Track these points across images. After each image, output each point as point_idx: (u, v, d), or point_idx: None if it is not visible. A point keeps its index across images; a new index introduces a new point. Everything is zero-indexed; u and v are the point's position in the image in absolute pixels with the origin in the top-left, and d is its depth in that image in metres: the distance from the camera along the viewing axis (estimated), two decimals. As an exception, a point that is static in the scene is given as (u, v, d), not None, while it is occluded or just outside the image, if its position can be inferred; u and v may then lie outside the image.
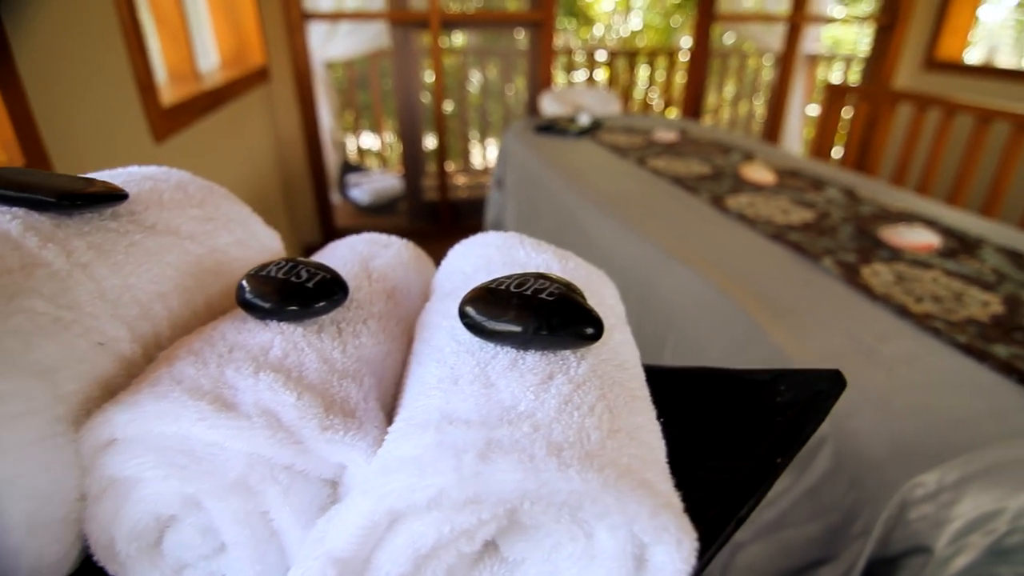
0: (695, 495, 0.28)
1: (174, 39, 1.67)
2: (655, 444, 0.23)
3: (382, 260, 0.36)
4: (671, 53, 3.46)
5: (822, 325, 0.81)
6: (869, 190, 1.40)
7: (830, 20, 3.05)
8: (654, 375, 0.34)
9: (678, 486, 0.28)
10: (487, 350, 0.26)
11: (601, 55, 3.53)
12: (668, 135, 1.89)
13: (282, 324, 0.28)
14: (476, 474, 0.19)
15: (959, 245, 1.08)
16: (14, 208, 0.27)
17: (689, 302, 0.93)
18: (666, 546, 0.20)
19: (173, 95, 1.45)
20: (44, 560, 0.23)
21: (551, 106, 2.34)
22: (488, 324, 0.26)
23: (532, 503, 0.20)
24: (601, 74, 3.49)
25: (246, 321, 0.28)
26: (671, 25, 4.97)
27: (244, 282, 0.29)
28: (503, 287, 0.27)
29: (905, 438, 0.62)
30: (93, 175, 0.35)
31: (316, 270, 0.29)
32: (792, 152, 3.13)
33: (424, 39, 2.57)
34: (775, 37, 3.02)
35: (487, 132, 3.59)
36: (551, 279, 0.27)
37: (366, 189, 2.94)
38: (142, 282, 0.29)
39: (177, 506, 0.23)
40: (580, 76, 3.54)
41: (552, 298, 0.26)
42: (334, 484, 0.25)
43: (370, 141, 3.61)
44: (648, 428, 0.24)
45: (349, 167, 3.11)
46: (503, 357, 0.25)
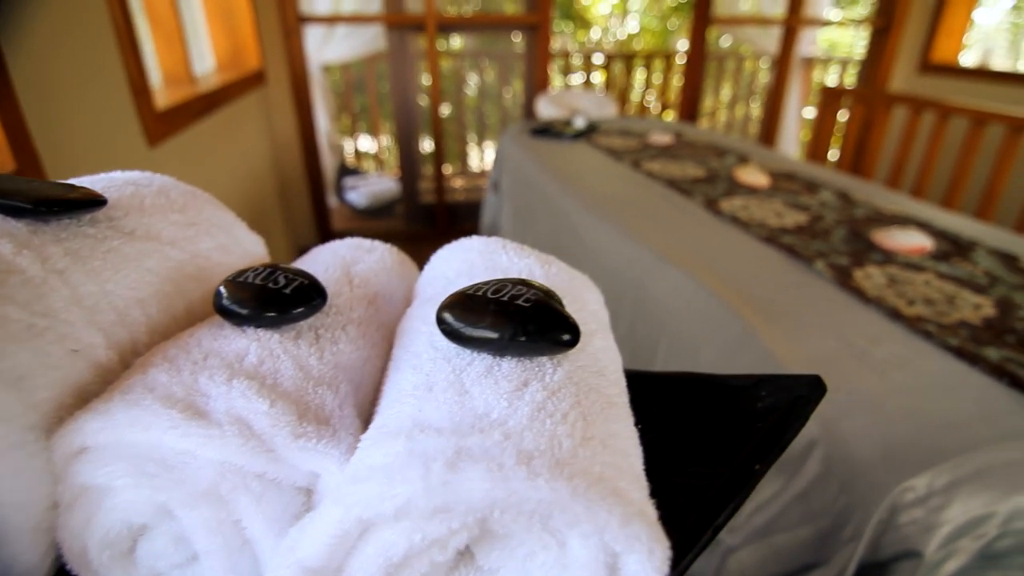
0: (675, 502, 0.28)
1: (169, 43, 1.67)
2: (630, 451, 0.23)
3: (364, 265, 0.36)
4: (668, 56, 3.47)
5: (814, 328, 0.81)
6: (863, 193, 1.40)
7: (826, 23, 3.06)
8: (636, 381, 0.34)
9: (658, 493, 0.28)
10: (463, 357, 0.26)
11: (598, 58, 3.54)
12: (663, 138, 1.89)
13: (259, 331, 0.28)
14: (444, 483, 0.19)
15: (952, 248, 1.08)
16: (-11, 215, 0.27)
17: (682, 305, 0.93)
18: (638, 555, 0.20)
19: (168, 99, 1.45)
20: (17, 568, 0.23)
21: (547, 109, 2.34)
22: (465, 330, 0.26)
23: (502, 512, 0.20)
24: (598, 77, 3.50)
25: (223, 327, 0.28)
26: (668, 28, 4.98)
27: (222, 288, 0.29)
28: (480, 293, 0.27)
29: (896, 442, 0.62)
30: (75, 180, 0.35)
31: (294, 276, 0.29)
32: (788, 155, 3.14)
33: (420, 42, 2.58)
34: (771, 40, 3.03)
35: (484, 135, 3.59)
36: (529, 285, 0.27)
37: (363, 192, 2.94)
38: (120, 288, 0.29)
39: (149, 515, 0.23)
40: (577, 79, 3.54)
41: (528, 304, 0.25)
42: (308, 492, 0.25)
43: (367, 144, 3.61)
44: (623, 435, 0.24)
45: (346, 170, 3.11)
46: (479, 364, 0.25)
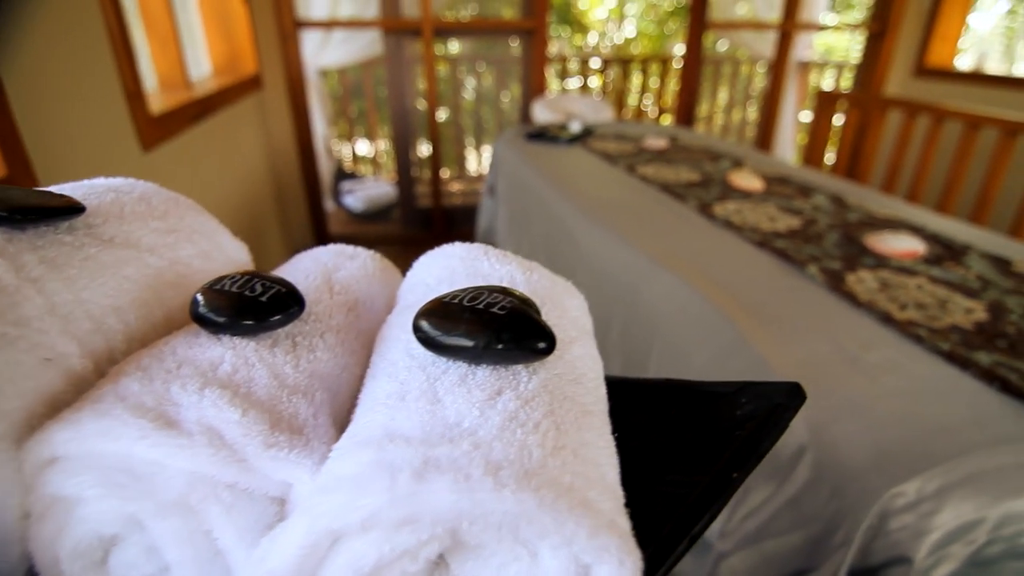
0: (652, 511, 0.28)
1: (165, 47, 1.67)
2: (603, 461, 0.23)
3: (346, 272, 0.36)
4: (665, 60, 3.48)
5: (806, 333, 0.81)
6: (857, 197, 1.40)
7: (821, 28, 3.08)
8: (618, 387, 0.34)
9: (636, 502, 0.28)
10: (439, 365, 0.26)
11: (595, 63, 3.55)
12: (658, 142, 1.90)
13: (235, 339, 0.27)
14: (410, 494, 0.19)
15: (945, 252, 1.08)
16: (-37, 223, 0.27)
17: (674, 309, 0.93)
18: (608, 566, 0.20)
19: (163, 103, 1.45)
20: (-12, 580, 0.23)
21: (543, 113, 2.34)
22: (440, 338, 0.26)
23: (470, 523, 0.19)
24: (595, 81, 3.51)
25: (199, 336, 0.28)
26: (665, 33, 5.00)
27: (198, 296, 0.28)
28: (456, 301, 0.27)
29: (886, 446, 0.62)
30: (56, 187, 0.35)
31: (272, 283, 0.29)
32: (785, 158, 3.15)
33: (417, 47, 2.58)
34: (767, 44, 3.04)
35: (482, 139, 3.60)
36: (506, 293, 0.27)
37: (360, 196, 2.95)
38: (96, 296, 0.29)
39: (119, 525, 0.23)
40: (574, 83, 3.55)
41: (504, 312, 0.25)
42: (282, 502, 0.25)
43: (364, 148, 3.62)
44: (597, 445, 0.24)
45: (343, 174, 3.11)
46: (453, 372, 0.25)
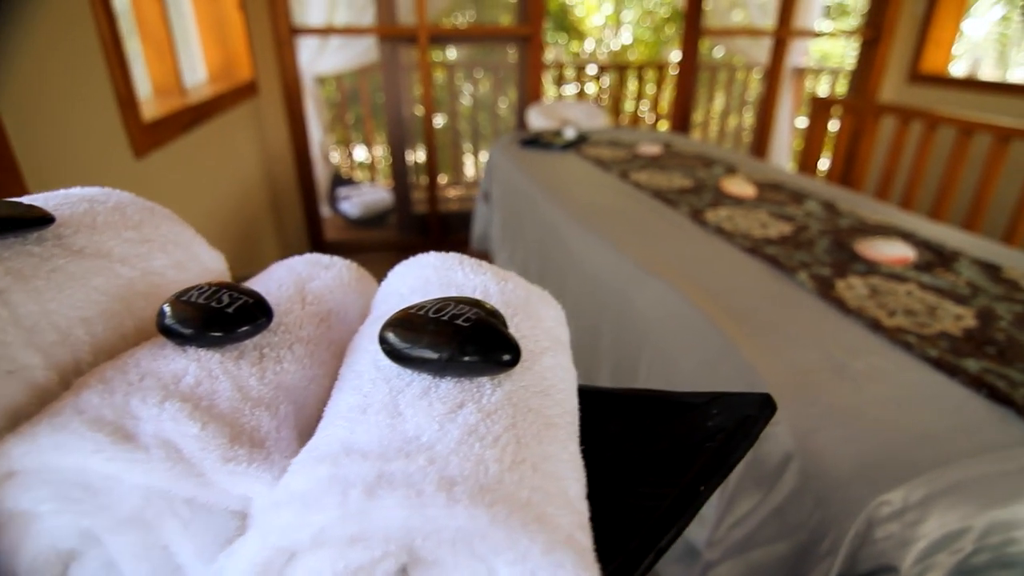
0: (621, 523, 0.27)
1: (160, 55, 1.67)
2: (565, 474, 0.23)
3: (320, 282, 0.36)
4: (661, 67, 3.49)
5: (794, 340, 0.81)
6: (849, 203, 1.40)
7: (816, 35, 3.09)
8: (591, 398, 0.33)
9: (606, 514, 0.27)
10: (403, 377, 0.25)
11: (592, 69, 3.56)
12: (652, 149, 1.90)
13: (200, 351, 0.27)
14: (360, 511, 0.19)
15: (935, 258, 1.08)
16: (-73, 234, 0.27)
17: (663, 316, 0.93)
18: (564, 583, 0.19)
19: (156, 110, 1.45)
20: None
21: (538, 120, 2.35)
22: (405, 350, 0.25)
23: (424, 539, 0.19)
24: (591, 88, 3.52)
25: (165, 347, 0.28)
26: (661, 39, 5.02)
27: (165, 307, 0.28)
28: (422, 312, 0.26)
29: (872, 455, 0.62)
30: (28, 198, 0.35)
31: (239, 295, 0.29)
32: (781, 164, 3.15)
33: (414, 53, 2.59)
34: (763, 51, 3.06)
35: (479, 144, 3.61)
36: (473, 304, 0.27)
37: (356, 202, 2.95)
38: (63, 308, 0.29)
39: (75, 540, 0.23)
40: (571, 90, 3.56)
41: (468, 324, 0.25)
42: (243, 516, 0.24)
43: (361, 154, 3.62)
44: (560, 458, 0.24)
45: (339, 180, 3.12)
46: (417, 385, 0.25)
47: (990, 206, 1.84)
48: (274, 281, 0.35)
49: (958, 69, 3.03)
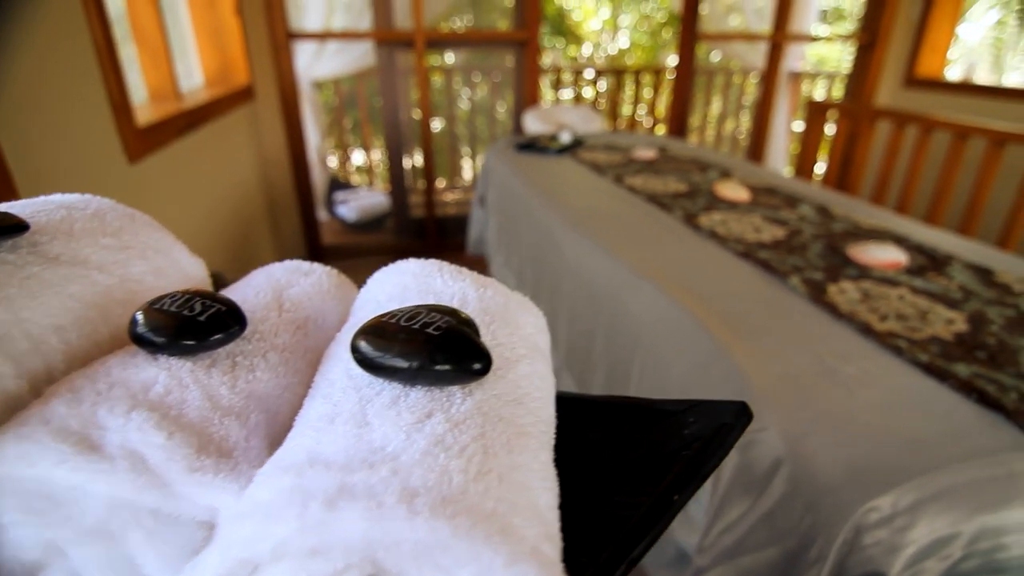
0: (596, 533, 0.27)
1: (155, 59, 1.68)
2: (534, 484, 0.23)
3: (298, 289, 0.35)
4: (658, 71, 3.50)
5: (785, 345, 0.81)
6: (843, 207, 1.40)
7: (811, 39, 3.10)
8: (569, 405, 0.33)
9: (581, 524, 0.27)
10: (374, 386, 0.25)
11: (589, 73, 3.57)
12: (647, 153, 1.90)
13: (172, 359, 0.27)
14: (320, 523, 0.18)
15: (928, 262, 1.08)
16: None
17: (655, 320, 0.93)
18: (529, 595, 0.19)
19: (151, 115, 1.45)
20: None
21: (534, 124, 2.35)
22: (377, 359, 0.25)
23: (386, 551, 0.19)
24: (589, 92, 3.53)
25: (136, 356, 0.28)
26: (658, 44, 5.04)
27: (137, 315, 0.28)
28: (394, 320, 0.26)
29: (862, 460, 0.62)
30: (4, 205, 0.35)
31: (212, 302, 0.29)
32: (777, 168, 3.16)
33: (411, 58, 2.59)
34: (759, 55, 3.07)
35: (477, 148, 3.61)
36: (446, 312, 0.27)
37: (353, 206, 2.95)
38: (36, 315, 0.29)
39: (39, 552, 0.23)
40: (568, 94, 3.57)
41: (439, 332, 0.25)
42: (211, 527, 0.24)
43: (359, 158, 3.63)
44: (530, 467, 0.23)
45: (337, 184, 3.12)
46: (386, 394, 0.25)
47: (985, 210, 1.84)
48: (252, 288, 0.35)
49: (954, 73, 3.04)
